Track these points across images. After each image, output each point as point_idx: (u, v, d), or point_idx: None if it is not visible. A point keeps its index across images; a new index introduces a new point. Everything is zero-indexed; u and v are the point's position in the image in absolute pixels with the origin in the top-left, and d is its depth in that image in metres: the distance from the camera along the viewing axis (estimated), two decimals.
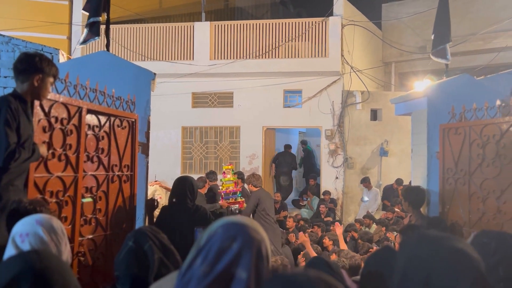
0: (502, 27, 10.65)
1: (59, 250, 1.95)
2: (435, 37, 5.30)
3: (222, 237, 1.20)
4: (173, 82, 10.99)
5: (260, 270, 1.18)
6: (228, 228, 1.22)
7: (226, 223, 1.24)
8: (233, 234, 1.20)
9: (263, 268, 1.20)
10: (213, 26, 11.40)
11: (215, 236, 1.22)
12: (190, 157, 11.64)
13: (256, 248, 1.20)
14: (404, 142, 10.44)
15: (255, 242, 1.20)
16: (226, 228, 1.23)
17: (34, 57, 2.73)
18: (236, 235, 1.20)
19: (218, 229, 1.23)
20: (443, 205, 4.33)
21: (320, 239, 6.99)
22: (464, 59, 11.71)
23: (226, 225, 1.24)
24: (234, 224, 1.24)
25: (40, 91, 2.75)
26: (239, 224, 1.23)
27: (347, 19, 11.14)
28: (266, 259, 1.22)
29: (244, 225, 1.23)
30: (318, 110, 11.03)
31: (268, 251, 1.24)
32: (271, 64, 11.03)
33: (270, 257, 1.25)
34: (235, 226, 1.23)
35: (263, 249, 1.22)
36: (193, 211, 3.83)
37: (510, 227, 3.58)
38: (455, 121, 4.25)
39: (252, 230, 1.23)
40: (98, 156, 3.56)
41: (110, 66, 4.74)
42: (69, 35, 11.74)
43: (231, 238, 1.20)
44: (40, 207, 2.44)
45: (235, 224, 1.24)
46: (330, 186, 11.01)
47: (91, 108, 3.40)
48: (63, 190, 3.14)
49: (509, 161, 3.63)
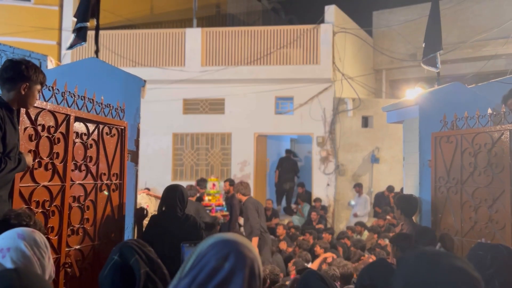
0: (491, 35, 10.75)
1: (42, 264, 1.88)
2: (426, 46, 5.31)
3: (214, 257, 1.16)
4: (164, 89, 10.93)
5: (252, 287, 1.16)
6: (220, 247, 1.18)
7: (218, 242, 1.20)
8: (225, 253, 1.16)
9: (255, 285, 1.17)
10: (205, 32, 11.38)
11: (206, 256, 1.17)
12: (181, 163, 11.56)
13: (249, 267, 1.16)
14: (395, 149, 10.48)
15: (248, 261, 1.17)
16: (218, 247, 1.18)
17: (20, 64, 2.66)
18: (229, 254, 1.16)
19: (209, 248, 1.19)
20: (435, 213, 4.32)
21: (312, 247, 6.94)
22: (454, 67, 11.81)
23: (217, 244, 1.19)
24: (226, 242, 1.19)
25: (27, 99, 2.68)
26: (232, 242, 1.19)
27: (338, 26, 11.19)
28: (259, 277, 1.19)
29: (236, 243, 1.19)
30: (310, 117, 11.04)
31: (260, 269, 1.21)
32: (262, 70, 11.03)
33: (262, 275, 1.21)
34: (227, 244, 1.19)
35: (255, 268, 1.18)
36: (183, 220, 3.77)
37: (502, 236, 3.57)
38: (447, 129, 4.24)
39: (245, 248, 1.19)
40: (86, 165, 3.49)
41: (99, 72, 4.67)
42: (59, 41, 11.64)
43: (223, 257, 1.16)
44: (27, 220, 2.37)
45: (227, 242, 1.19)
46: (322, 193, 10.99)
47: (79, 115, 3.33)
48: (50, 199, 3.06)
49: (500, 170, 3.62)
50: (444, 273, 1.18)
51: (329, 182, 11.05)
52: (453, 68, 11.79)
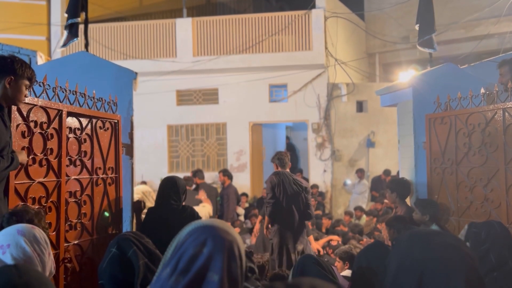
0: (483, 15, 10.73)
1: (43, 260, 1.89)
2: (420, 27, 5.29)
3: (192, 244, 1.17)
4: (157, 80, 10.87)
5: (233, 271, 1.17)
6: (197, 233, 1.19)
7: (195, 228, 1.21)
8: (202, 239, 1.17)
9: (236, 268, 1.18)
10: (195, 22, 11.29)
11: (185, 244, 1.19)
12: (177, 155, 11.55)
13: (228, 249, 1.17)
14: (390, 133, 10.50)
15: (226, 243, 1.18)
16: (196, 233, 1.19)
17: (5, 59, 2.62)
18: (206, 239, 1.17)
19: (187, 235, 1.20)
20: (431, 195, 4.34)
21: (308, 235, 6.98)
22: (447, 48, 11.79)
23: (195, 231, 1.20)
24: (202, 228, 1.20)
25: (14, 94, 2.64)
26: (208, 227, 1.20)
27: (330, 11, 11.12)
28: (239, 258, 1.20)
29: (213, 227, 1.20)
30: (304, 104, 11.03)
31: (241, 250, 1.21)
32: (255, 58, 10.98)
33: (244, 255, 1.22)
34: (204, 230, 1.19)
35: (235, 249, 1.19)
36: (179, 211, 3.77)
37: (497, 214, 3.60)
38: (441, 110, 4.25)
39: (222, 232, 1.20)
40: (81, 160, 3.48)
41: (90, 66, 4.64)
42: (48, 36, 11.52)
43: (201, 243, 1.17)
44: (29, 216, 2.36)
45: (203, 228, 1.20)
46: (318, 179, 11.03)
47: (71, 110, 3.31)
48: (46, 196, 3.05)
49: (494, 149, 3.64)
50: (436, 250, 1.19)
51: (326, 168, 11.09)
52: (445, 49, 11.77)
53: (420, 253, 1.20)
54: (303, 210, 4.99)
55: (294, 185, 5.00)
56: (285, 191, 4.92)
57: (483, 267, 2.03)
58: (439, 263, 1.17)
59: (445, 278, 1.15)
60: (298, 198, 4.98)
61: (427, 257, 1.19)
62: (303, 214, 5.00)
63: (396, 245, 1.32)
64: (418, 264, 1.18)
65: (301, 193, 4.99)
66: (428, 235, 1.25)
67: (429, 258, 1.19)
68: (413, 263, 1.19)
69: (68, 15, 5.12)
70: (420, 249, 1.20)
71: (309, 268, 1.83)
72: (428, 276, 1.16)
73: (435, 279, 1.15)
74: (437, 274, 1.16)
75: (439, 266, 1.17)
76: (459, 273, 1.18)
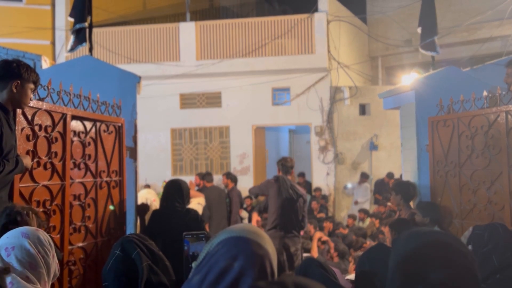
0: (486, 18, 10.73)
1: (47, 262, 1.90)
2: (423, 30, 5.31)
3: (223, 256, 1.14)
4: (160, 84, 10.91)
5: None
6: (229, 245, 1.16)
7: (228, 239, 1.18)
8: (234, 253, 1.14)
9: None
10: (199, 26, 11.34)
11: (216, 255, 1.16)
12: (180, 159, 11.57)
13: (259, 265, 1.14)
14: (393, 136, 10.49)
15: (258, 259, 1.15)
16: (227, 245, 1.16)
17: (11, 63, 2.66)
18: (238, 254, 1.14)
19: (219, 246, 1.17)
20: (435, 197, 4.34)
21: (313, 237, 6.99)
22: (449, 51, 11.79)
23: (227, 242, 1.17)
24: (236, 240, 1.17)
25: (20, 98, 2.67)
26: (241, 240, 1.17)
27: (332, 14, 11.14)
28: (271, 274, 1.17)
29: (246, 240, 1.17)
30: (307, 107, 11.03)
31: (272, 265, 1.18)
32: (258, 62, 11.00)
33: (275, 269, 1.19)
34: (237, 243, 1.17)
35: (267, 265, 1.16)
36: (183, 214, 3.79)
37: (501, 217, 3.59)
38: (443, 113, 4.25)
39: (255, 245, 1.16)
40: (85, 163, 3.50)
41: (94, 70, 4.67)
42: (53, 40, 11.59)
43: (232, 257, 1.14)
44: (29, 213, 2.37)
45: (237, 240, 1.17)
46: (321, 182, 11.02)
47: (75, 114, 3.34)
48: (50, 199, 3.08)
49: (497, 152, 3.64)
50: (432, 249, 1.20)
51: (329, 171, 11.08)
52: (448, 52, 11.76)
53: (416, 252, 1.21)
54: (296, 217, 5.22)
55: (291, 190, 5.19)
56: (280, 195, 5.13)
57: (485, 269, 2.03)
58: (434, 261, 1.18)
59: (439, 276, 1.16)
60: (292, 203, 5.19)
61: (422, 256, 1.20)
62: (297, 222, 5.22)
63: (395, 246, 1.33)
64: (416, 263, 1.19)
65: (296, 200, 5.20)
66: (425, 234, 1.25)
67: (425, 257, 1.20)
68: (409, 263, 1.20)
69: (75, 20, 5.15)
70: (415, 249, 1.21)
71: (312, 270, 1.84)
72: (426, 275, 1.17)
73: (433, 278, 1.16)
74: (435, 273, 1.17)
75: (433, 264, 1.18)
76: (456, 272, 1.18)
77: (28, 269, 1.80)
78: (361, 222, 8.57)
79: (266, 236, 1.24)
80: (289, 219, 5.18)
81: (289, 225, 5.18)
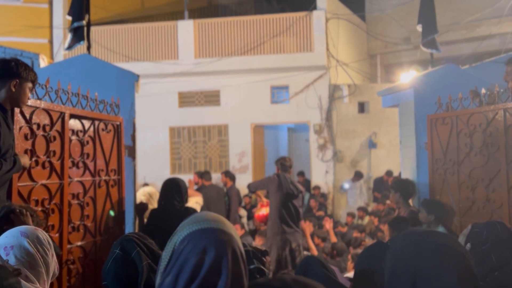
0: (485, 15, 10.73)
1: (46, 261, 1.90)
2: (423, 28, 5.30)
3: (192, 253, 1.13)
4: (159, 83, 10.89)
5: (237, 271, 1.15)
6: (194, 240, 1.14)
7: (190, 234, 1.16)
8: (202, 246, 1.13)
9: (239, 268, 1.16)
10: (197, 24, 11.31)
11: (183, 252, 1.14)
12: (179, 157, 11.56)
13: (231, 251, 1.14)
14: (392, 134, 10.49)
15: (227, 246, 1.14)
16: (193, 241, 1.15)
17: (9, 62, 2.65)
18: (206, 246, 1.13)
19: (184, 243, 1.15)
20: (433, 195, 4.34)
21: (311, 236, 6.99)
22: (448, 48, 11.78)
23: (191, 237, 1.15)
24: (199, 233, 1.15)
25: (18, 97, 2.67)
26: (205, 232, 1.16)
27: (331, 12, 11.13)
28: (241, 256, 1.17)
29: (210, 230, 1.16)
30: (306, 105, 11.03)
31: (240, 247, 1.18)
32: (256, 60, 10.99)
33: (243, 251, 1.18)
34: (201, 235, 1.15)
35: (236, 249, 1.16)
36: (182, 212, 3.78)
37: (499, 215, 3.60)
38: (442, 111, 4.26)
39: (220, 233, 1.16)
40: (83, 162, 3.49)
41: (92, 69, 4.66)
42: (51, 39, 11.56)
43: (201, 251, 1.13)
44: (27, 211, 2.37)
45: (200, 233, 1.15)
46: (320, 180, 11.02)
47: (74, 113, 3.33)
48: (49, 198, 3.07)
49: (496, 149, 3.64)
50: (428, 250, 1.20)
51: (328, 169, 11.09)
52: (447, 50, 11.75)
53: (412, 253, 1.21)
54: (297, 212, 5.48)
55: (291, 184, 5.42)
56: (281, 190, 5.34)
57: (484, 267, 2.03)
58: (432, 263, 1.19)
59: (437, 278, 1.16)
60: (293, 199, 5.44)
61: (420, 255, 1.20)
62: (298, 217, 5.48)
63: (391, 246, 1.33)
64: (411, 265, 1.19)
65: (297, 196, 5.47)
66: (421, 235, 1.25)
67: (422, 256, 1.20)
68: (406, 264, 1.20)
69: (73, 18, 5.14)
70: (412, 250, 1.21)
71: (313, 268, 1.84)
72: (422, 273, 1.17)
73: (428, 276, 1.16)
74: (430, 274, 1.17)
75: (431, 266, 1.18)
76: (451, 272, 1.19)
77: (27, 268, 1.80)
78: (360, 220, 8.57)
79: (226, 220, 1.23)
80: (290, 214, 5.35)
81: (290, 220, 5.33)
